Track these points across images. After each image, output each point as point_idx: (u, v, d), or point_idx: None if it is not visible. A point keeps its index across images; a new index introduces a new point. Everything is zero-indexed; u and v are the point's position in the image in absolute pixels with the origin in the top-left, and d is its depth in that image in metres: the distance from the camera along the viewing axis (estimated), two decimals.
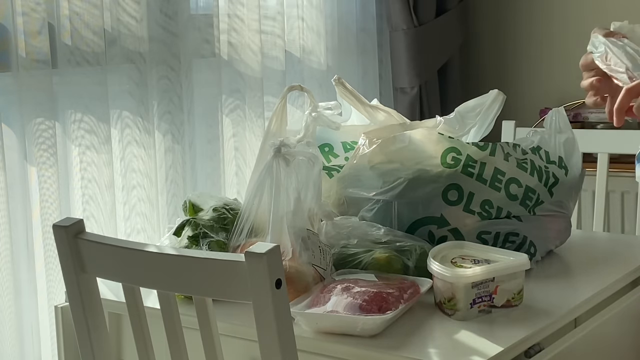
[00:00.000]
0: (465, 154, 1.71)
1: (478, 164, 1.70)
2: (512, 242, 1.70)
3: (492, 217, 1.70)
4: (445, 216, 1.68)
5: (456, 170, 1.69)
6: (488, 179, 1.70)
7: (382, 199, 1.71)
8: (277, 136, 1.84)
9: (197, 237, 1.64)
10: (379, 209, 1.71)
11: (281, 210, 1.57)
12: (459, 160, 1.70)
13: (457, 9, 3.26)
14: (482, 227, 1.69)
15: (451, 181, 1.69)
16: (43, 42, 1.98)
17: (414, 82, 3.09)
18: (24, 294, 1.96)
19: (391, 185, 1.71)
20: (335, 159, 1.96)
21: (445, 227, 1.69)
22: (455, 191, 1.69)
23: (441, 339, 1.43)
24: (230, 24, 2.49)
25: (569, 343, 1.52)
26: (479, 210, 1.69)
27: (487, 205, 1.69)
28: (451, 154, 1.71)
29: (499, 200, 1.70)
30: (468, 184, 1.69)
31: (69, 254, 1.32)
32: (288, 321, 1.18)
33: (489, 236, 1.69)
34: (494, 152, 1.72)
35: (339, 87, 1.95)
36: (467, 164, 1.70)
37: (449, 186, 1.69)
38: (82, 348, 1.36)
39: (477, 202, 1.69)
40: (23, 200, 1.96)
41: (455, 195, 1.69)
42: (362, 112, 1.99)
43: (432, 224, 1.69)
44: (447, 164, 1.70)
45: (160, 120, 2.28)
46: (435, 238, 1.69)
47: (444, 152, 1.71)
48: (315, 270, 1.54)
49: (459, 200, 1.68)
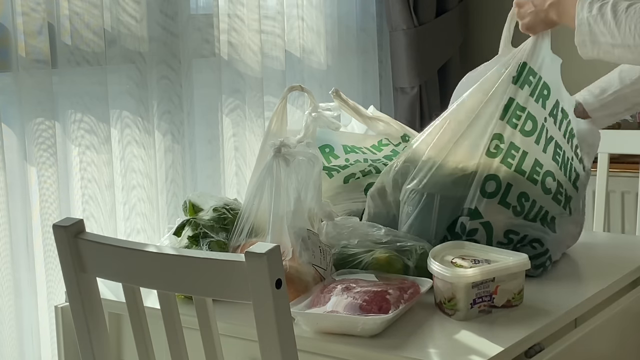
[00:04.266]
0: (509, 141, 1.67)
1: (520, 153, 1.67)
2: (534, 248, 1.68)
3: (524, 212, 1.67)
4: (479, 208, 1.66)
5: (496, 161, 1.67)
6: (527, 171, 1.67)
7: (426, 192, 1.68)
8: (277, 136, 1.84)
9: (197, 237, 1.64)
10: (423, 203, 1.68)
11: (281, 210, 1.57)
12: (501, 149, 1.67)
13: (457, 9, 3.26)
14: (512, 226, 1.67)
15: (490, 172, 1.66)
16: (43, 42, 1.98)
17: (414, 82, 3.09)
18: (24, 294, 1.96)
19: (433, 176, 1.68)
20: (335, 160, 1.96)
21: (478, 219, 1.66)
22: (493, 182, 1.66)
23: (441, 339, 1.43)
24: (230, 24, 2.49)
25: (569, 343, 1.52)
26: (515, 204, 1.66)
27: (524, 198, 1.67)
28: (495, 141, 1.67)
29: (535, 193, 1.67)
30: (507, 175, 1.66)
31: (69, 254, 1.32)
32: (288, 321, 1.18)
33: (516, 237, 1.67)
34: (538, 139, 1.69)
35: (337, 99, 1.95)
36: (508, 154, 1.67)
37: (487, 177, 1.66)
38: (82, 348, 1.36)
39: (514, 194, 1.66)
40: (23, 200, 1.96)
41: (493, 186, 1.66)
42: (361, 122, 2.00)
43: (465, 215, 1.67)
44: (490, 153, 1.67)
45: (160, 120, 2.28)
46: (466, 230, 1.67)
47: (490, 138, 1.67)
48: (316, 270, 1.54)
49: (496, 192, 1.66)
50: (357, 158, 1.98)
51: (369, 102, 2.67)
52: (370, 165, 1.97)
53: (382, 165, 1.97)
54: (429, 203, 1.68)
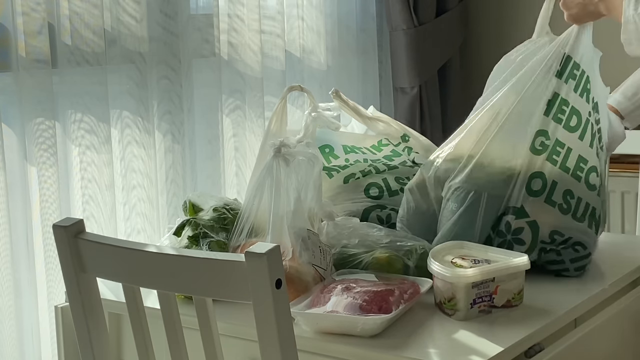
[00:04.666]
0: (555, 138, 1.66)
1: (564, 149, 1.66)
2: (576, 251, 1.67)
3: (571, 210, 1.65)
4: (525, 207, 1.64)
5: (541, 158, 1.65)
6: (571, 167, 1.66)
7: (473, 190, 1.66)
8: (277, 136, 1.84)
9: (197, 237, 1.64)
10: (469, 201, 1.66)
11: (281, 210, 1.57)
12: (547, 146, 1.66)
13: (457, 9, 3.26)
14: (558, 227, 1.65)
15: (536, 169, 1.65)
16: (43, 42, 1.98)
17: (414, 82, 3.09)
18: (24, 294, 1.96)
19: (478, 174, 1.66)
20: (335, 160, 1.96)
21: (524, 218, 1.65)
22: (539, 180, 1.65)
23: (441, 339, 1.43)
24: (230, 24, 2.49)
25: (569, 343, 1.52)
26: (560, 202, 1.64)
27: (569, 196, 1.65)
28: (540, 138, 1.66)
29: (580, 190, 1.66)
30: (552, 172, 1.64)
31: (69, 254, 1.32)
32: (288, 321, 1.18)
33: (560, 238, 1.66)
34: (583, 135, 1.66)
35: (337, 99, 1.95)
36: (553, 151, 1.65)
37: (533, 174, 1.65)
38: (82, 348, 1.36)
39: (560, 192, 1.65)
40: (23, 200, 1.96)
41: (539, 184, 1.64)
42: (361, 122, 2.00)
43: (511, 214, 1.65)
44: (535, 150, 1.66)
45: (160, 120, 2.28)
46: (511, 229, 1.65)
47: (535, 134, 1.65)
48: (316, 270, 1.54)
49: (541, 190, 1.64)
50: (357, 158, 1.98)
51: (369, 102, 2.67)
52: (370, 165, 1.97)
53: (382, 165, 1.97)
54: (475, 201, 1.66)
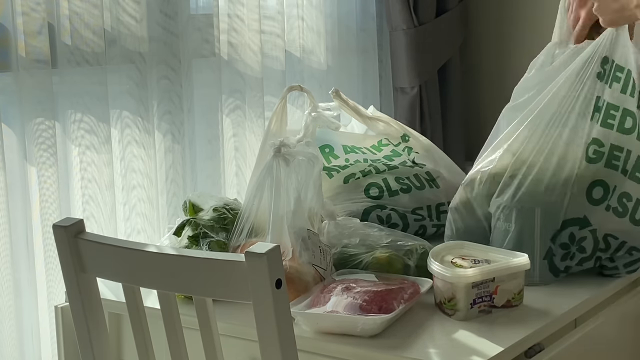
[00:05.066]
0: (609, 143, 1.62)
1: (624, 152, 1.62)
2: (631, 254, 1.66)
3: (628, 213, 1.63)
4: (588, 217, 1.61)
5: (599, 165, 1.61)
6: (629, 170, 1.63)
7: (523, 206, 1.62)
8: (277, 136, 1.84)
9: (197, 237, 1.64)
10: (523, 218, 1.62)
11: (281, 210, 1.57)
12: (602, 153, 1.62)
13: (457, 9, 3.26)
14: (613, 230, 1.63)
15: (595, 177, 1.61)
16: (43, 42, 1.98)
17: (414, 82, 3.09)
18: (24, 294, 1.96)
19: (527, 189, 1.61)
20: (335, 160, 1.96)
21: (587, 227, 1.62)
22: (600, 188, 1.61)
23: (441, 339, 1.43)
24: (230, 24, 2.48)
25: (569, 343, 1.52)
26: (615, 205, 1.62)
27: (625, 198, 1.63)
28: (593, 146, 1.62)
29: (637, 191, 1.63)
30: (614, 178, 1.61)
31: (69, 254, 1.32)
32: (288, 321, 1.18)
33: (615, 241, 1.64)
34: None
35: (337, 99, 1.95)
36: (611, 156, 1.61)
37: (593, 183, 1.61)
38: (82, 348, 1.36)
39: (616, 195, 1.62)
40: (23, 200, 1.96)
41: (600, 193, 1.61)
42: (361, 122, 2.00)
43: (574, 225, 1.62)
44: (590, 159, 1.62)
45: (160, 120, 2.28)
46: (576, 240, 1.63)
47: (588, 144, 1.62)
48: (316, 270, 1.54)
49: (603, 198, 1.61)
50: (357, 158, 1.98)
51: (369, 102, 2.67)
52: (370, 165, 1.97)
53: (382, 165, 1.97)
54: (529, 217, 1.62)
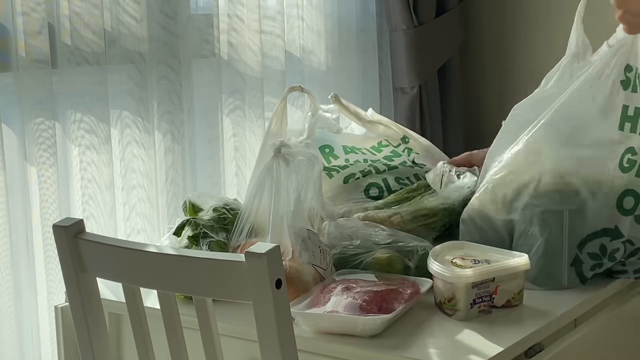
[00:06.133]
0: None
1: None
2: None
3: None
4: (619, 227, 1.58)
5: (630, 174, 1.57)
6: None
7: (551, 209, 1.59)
8: (277, 136, 1.84)
9: (197, 237, 1.64)
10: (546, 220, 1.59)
11: (281, 210, 1.57)
12: (634, 162, 1.58)
13: (457, 9, 3.26)
14: (632, 237, 1.59)
15: (626, 187, 1.57)
16: (43, 42, 1.98)
17: (414, 82, 3.09)
18: (24, 294, 1.96)
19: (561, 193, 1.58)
20: (335, 160, 1.96)
21: (619, 239, 1.59)
22: (631, 198, 1.57)
23: (441, 339, 1.43)
24: (230, 24, 2.48)
25: (569, 343, 1.52)
26: (638, 213, 1.58)
27: None
28: (627, 155, 1.59)
29: None
30: None
31: (69, 254, 1.32)
32: (288, 321, 1.18)
33: (631, 247, 1.61)
34: None
35: (337, 104, 1.94)
36: None
37: (624, 193, 1.57)
38: (82, 348, 1.36)
39: None
40: (23, 200, 1.96)
41: (631, 203, 1.57)
42: (362, 126, 2.00)
43: (605, 236, 1.58)
44: (623, 167, 1.59)
45: (160, 120, 2.28)
46: (607, 251, 1.59)
47: (623, 153, 1.58)
48: (315, 270, 1.54)
49: (634, 208, 1.57)
50: (357, 158, 1.98)
51: (369, 102, 2.67)
52: (370, 166, 1.97)
53: (382, 165, 1.97)
54: (557, 223, 1.59)
